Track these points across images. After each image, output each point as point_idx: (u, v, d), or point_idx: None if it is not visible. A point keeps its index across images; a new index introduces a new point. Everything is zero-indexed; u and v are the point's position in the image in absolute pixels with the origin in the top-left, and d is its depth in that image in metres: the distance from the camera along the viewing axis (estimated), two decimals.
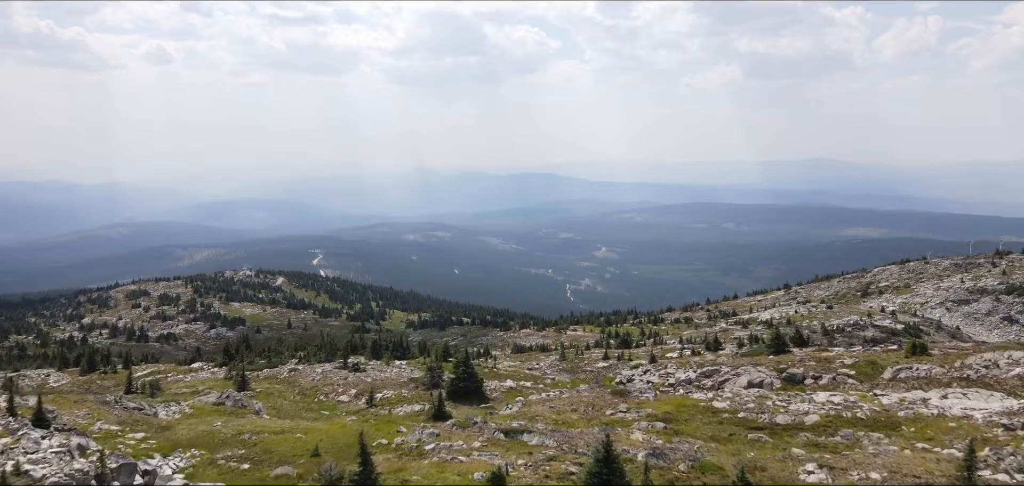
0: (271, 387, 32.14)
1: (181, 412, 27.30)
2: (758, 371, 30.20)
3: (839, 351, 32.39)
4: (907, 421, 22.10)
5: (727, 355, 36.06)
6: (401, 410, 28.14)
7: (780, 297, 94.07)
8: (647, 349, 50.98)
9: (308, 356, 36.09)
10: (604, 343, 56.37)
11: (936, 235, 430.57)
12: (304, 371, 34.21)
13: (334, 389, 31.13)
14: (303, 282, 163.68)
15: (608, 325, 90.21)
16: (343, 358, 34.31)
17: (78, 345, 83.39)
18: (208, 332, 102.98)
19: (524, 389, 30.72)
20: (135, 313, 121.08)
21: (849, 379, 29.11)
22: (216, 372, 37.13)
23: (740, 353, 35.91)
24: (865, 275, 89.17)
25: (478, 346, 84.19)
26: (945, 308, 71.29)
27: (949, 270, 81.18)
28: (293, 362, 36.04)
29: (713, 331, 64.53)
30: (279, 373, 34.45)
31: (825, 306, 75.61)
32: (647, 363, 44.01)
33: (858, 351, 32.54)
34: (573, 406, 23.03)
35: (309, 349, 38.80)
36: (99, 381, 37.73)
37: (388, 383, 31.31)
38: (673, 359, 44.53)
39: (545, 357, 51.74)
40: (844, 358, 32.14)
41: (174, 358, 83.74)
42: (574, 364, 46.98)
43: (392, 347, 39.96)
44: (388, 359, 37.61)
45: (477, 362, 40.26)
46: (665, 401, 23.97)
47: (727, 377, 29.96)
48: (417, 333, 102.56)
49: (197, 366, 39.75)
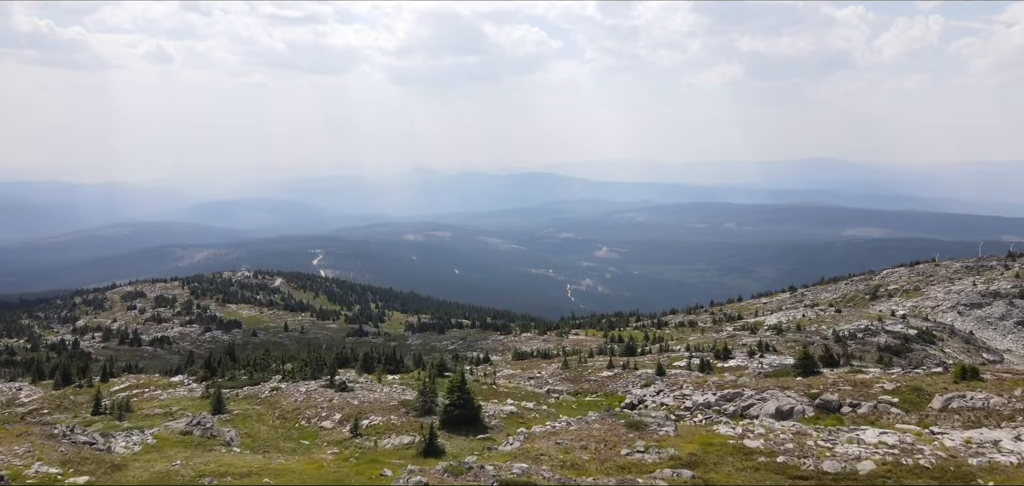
0: (250, 409, 29.43)
1: (142, 443, 24.75)
2: (787, 397, 27.13)
3: (876, 374, 29.41)
4: (983, 472, 18.41)
5: (749, 375, 32.73)
6: (388, 441, 25.55)
7: (786, 299, 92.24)
8: (653, 357, 49.14)
9: (293, 373, 33.64)
10: (608, 350, 54.59)
11: (937, 235, 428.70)
12: (287, 390, 31.61)
13: (317, 413, 28.15)
14: (302, 283, 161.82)
15: (610, 329, 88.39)
16: (330, 375, 31.88)
17: (69, 349, 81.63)
18: (203, 335, 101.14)
19: (526, 412, 27.90)
20: (130, 315, 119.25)
21: (892, 409, 25.89)
22: (194, 388, 34.94)
23: (761, 372, 32.72)
24: (873, 277, 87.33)
25: (478, 350, 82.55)
26: (957, 312, 69.48)
27: (960, 273, 79.36)
28: (276, 379, 33.69)
29: (720, 337, 62.69)
30: (260, 392, 31.97)
31: (833, 309, 73.79)
32: (654, 373, 42.25)
33: (897, 375, 29.34)
34: (582, 442, 20.30)
35: (296, 363, 36.36)
36: (73, 396, 35.72)
37: (376, 406, 28.49)
38: (681, 368, 42.76)
39: (547, 365, 49.95)
40: (883, 382, 28.79)
41: (168, 362, 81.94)
42: (577, 373, 45.19)
43: (385, 360, 37.78)
44: (380, 374, 35.54)
45: (475, 377, 38.18)
46: (688, 438, 21.15)
47: (751, 401, 27.01)
48: (416, 336, 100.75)
49: (177, 380, 37.72)
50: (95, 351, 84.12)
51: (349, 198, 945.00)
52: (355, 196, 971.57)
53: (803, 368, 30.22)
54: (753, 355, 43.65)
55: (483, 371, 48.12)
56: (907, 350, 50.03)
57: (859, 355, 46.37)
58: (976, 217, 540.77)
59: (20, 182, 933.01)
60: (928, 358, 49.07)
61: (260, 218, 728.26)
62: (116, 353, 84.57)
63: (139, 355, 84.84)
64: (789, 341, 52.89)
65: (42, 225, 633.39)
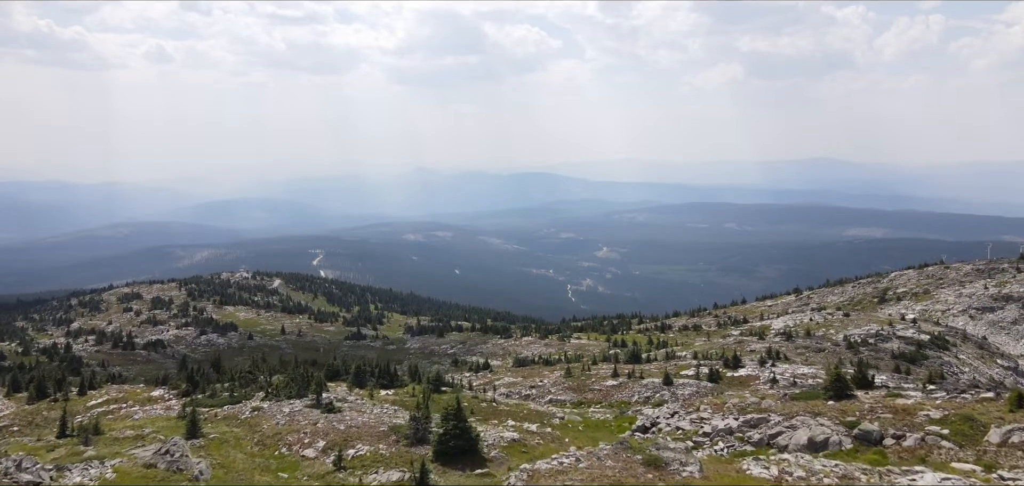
0: (228, 432, 27.11)
1: (99, 480, 22.29)
2: (819, 425, 23.99)
3: (917, 398, 26.77)
4: None
5: (773, 395, 29.35)
6: (374, 478, 23.06)
7: (792, 302, 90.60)
8: (659, 365, 47.47)
9: (277, 390, 31.44)
10: (612, 357, 52.99)
11: (938, 235, 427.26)
12: (269, 410, 29.36)
13: (300, 438, 25.64)
14: (300, 284, 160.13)
15: (613, 332, 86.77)
16: (316, 393, 29.80)
17: (61, 353, 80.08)
18: (198, 338, 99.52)
19: (528, 438, 25.43)
20: (126, 317, 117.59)
21: (942, 442, 22.68)
22: (173, 405, 32.85)
23: (787, 393, 29.60)
24: (881, 280, 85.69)
25: (477, 355, 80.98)
26: (968, 316, 67.85)
27: (970, 275, 77.75)
28: (260, 396, 31.66)
29: (727, 343, 61.00)
30: (241, 411, 29.79)
31: (841, 313, 72.15)
32: (661, 382, 40.65)
33: (942, 401, 26.55)
34: (595, 483, 18.36)
35: (281, 379, 33.98)
36: (46, 411, 33.80)
37: (365, 432, 26.02)
38: (689, 378, 41.16)
39: (549, 373, 48.34)
40: (928, 409, 25.62)
41: (161, 366, 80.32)
42: (581, 382, 43.59)
43: (378, 374, 35.87)
44: (372, 389, 33.69)
45: (474, 394, 36.15)
46: (717, 478, 19.20)
47: (778, 429, 24.09)
48: (415, 340, 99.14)
49: (157, 394, 35.86)
50: (88, 355, 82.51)
51: (349, 198, 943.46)
52: (355, 196, 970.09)
53: (834, 390, 27.42)
54: (764, 364, 42.04)
55: (483, 379, 46.59)
56: (922, 357, 48.39)
57: (873, 363, 44.71)
58: (977, 217, 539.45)
59: (20, 182, 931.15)
60: (944, 366, 47.51)
61: (260, 218, 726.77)
62: (109, 357, 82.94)
63: (132, 359, 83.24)
64: (799, 348, 51.34)
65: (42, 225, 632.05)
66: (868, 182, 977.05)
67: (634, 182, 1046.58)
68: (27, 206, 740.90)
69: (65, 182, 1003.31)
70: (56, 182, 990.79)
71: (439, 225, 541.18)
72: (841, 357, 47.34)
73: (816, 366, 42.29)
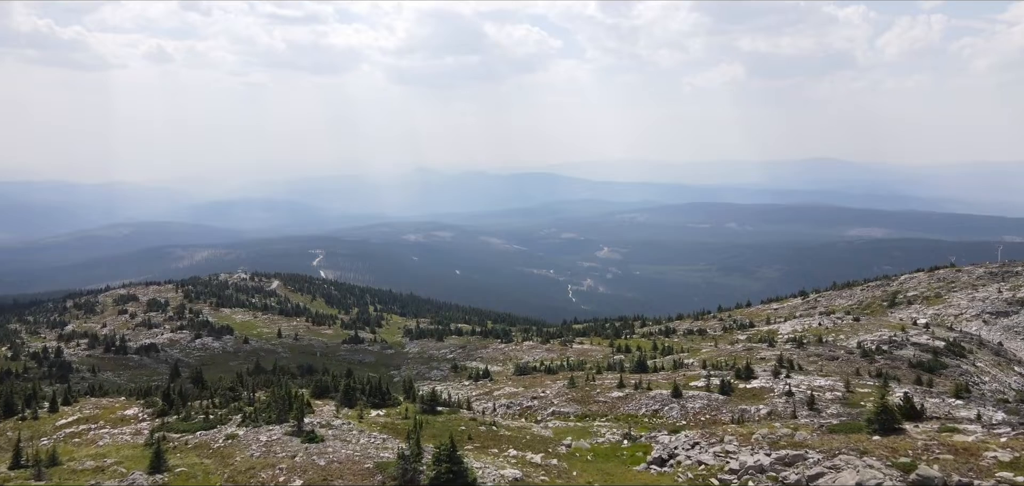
0: (196, 465, 24.49)
1: None
2: (868, 467, 20.75)
3: (979, 435, 23.17)
4: None
5: (808, 427, 24.97)
6: None
7: (798, 305, 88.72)
8: (667, 374, 45.61)
9: (255, 414, 28.85)
10: (617, 365, 51.16)
11: (940, 235, 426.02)
12: (244, 439, 26.83)
13: (275, 476, 22.70)
14: (299, 285, 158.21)
15: (616, 336, 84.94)
16: (297, 419, 27.54)
17: (51, 358, 78.28)
18: (193, 342, 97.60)
19: (532, 475, 22.13)
20: (120, 320, 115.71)
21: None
22: (143, 428, 30.41)
23: (823, 423, 26.07)
24: (890, 283, 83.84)
25: (477, 360, 79.19)
26: (982, 321, 65.99)
27: (983, 278, 75.90)
28: (237, 420, 29.27)
29: (736, 350, 59.10)
30: (214, 439, 27.30)
31: (851, 318, 70.29)
32: (669, 394, 38.83)
33: (1008, 437, 22.97)
34: None
35: (260, 403, 31.46)
36: (11, 431, 31.87)
37: (347, 468, 23.12)
38: (700, 389, 39.31)
39: (552, 382, 46.50)
40: (993, 448, 22.09)
41: (154, 372, 78.54)
42: (585, 393, 41.75)
43: (369, 392, 33.75)
44: (362, 409, 31.60)
45: (472, 415, 34.01)
46: None
47: (819, 469, 21.13)
48: (414, 344, 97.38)
49: (132, 413, 33.73)
50: (78, 360, 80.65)
51: (349, 198, 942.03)
52: (355, 196, 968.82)
53: (880, 422, 24.46)
54: (777, 375, 40.18)
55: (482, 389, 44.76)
56: (941, 366, 46.47)
57: (890, 372, 42.90)
58: (978, 217, 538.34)
59: (20, 182, 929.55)
60: (964, 375, 45.61)
61: (260, 218, 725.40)
62: (100, 362, 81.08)
63: (124, 364, 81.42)
64: (812, 356, 49.49)
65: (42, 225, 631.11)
66: (869, 182, 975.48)
67: (635, 182, 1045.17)
68: (27, 206, 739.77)
69: (65, 182, 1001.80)
70: (56, 182, 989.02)
71: (439, 225, 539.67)
72: (857, 366, 45.48)
73: (832, 377, 40.42)
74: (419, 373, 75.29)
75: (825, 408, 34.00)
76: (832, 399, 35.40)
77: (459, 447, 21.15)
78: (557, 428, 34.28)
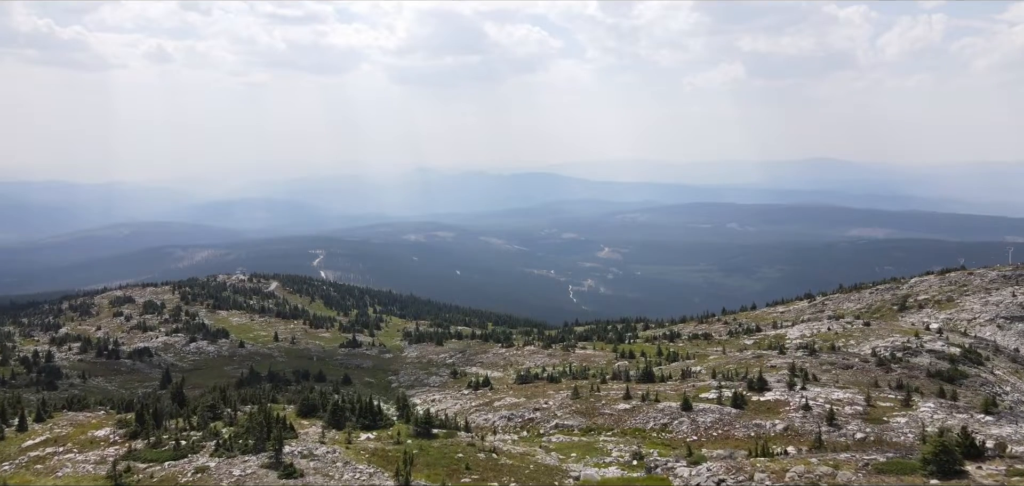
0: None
1: None
2: None
3: None
4: None
5: (848, 462, 20.98)
6: None
7: (805, 309, 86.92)
8: (675, 384, 43.80)
9: (230, 443, 26.65)
10: (622, 373, 49.34)
11: (942, 236, 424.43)
12: (216, 472, 24.75)
13: None
14: (298, 286, 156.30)
15: (619, 341, 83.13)
16: (276, 448, 25.43)
17: (41, 362, 76.49)
18: (187, 346, 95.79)
19: None
20: (115, 323, 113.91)
21: None
22: (110, 453, 28.47)
23: (872, 464, 22.21)
24: (900, 286, 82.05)
25: (477, 365, 77.37)
26: (996, 326, 64.19)
27: (996, 282, 74.10)
28: (210, 448, 27.11)
29: (745, 356, 57.25)
30: (182, 472, 25.36)
31: (861, 323, 68.47)
32: (679, 407, 37.03)
33: None
34: None
35: (236, 426, 29.23)
36: None
37: None
38: (711, 402, 37.50)
39: (554, 392, 44.71)
40: None
41: (146, 377, 76.76)
42: (589, 405, 39.97)
43: (359, 411, 31.56)
44: (351, 431, 29.58)
45: (470, 438, 31.57)
46: None
47: None
48: (413, 348, 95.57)
49: (102, 435, 31.76)
50: (70, 365, 78.90)
51: (350, 198, 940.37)
52: (356, 196, 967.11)
53: (938, 464, 21.21)
54: (793, 387, 38.34)
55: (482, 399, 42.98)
56: (961, 376, 44.55)
57: (909, 383, 40.98)
58: (979, 217, 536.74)
59: (20, 182, 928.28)
60: (986, 386, 43.79)
61: (261, 218, 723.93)
62: (91, 367, 79.33)
63: (116, 369, 79.63)
64: (825, 364, 47.64)
65: (41, 225, 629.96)
66: (870, 182, 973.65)
67: (635, 182, 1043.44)
68: (27, 206, 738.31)
69: (65, 182, 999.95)
70: (56, 182, 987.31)
71: (440, 225, 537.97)
72: (873, 376, 43.61)
73: (850, 389, 38.58)
74: (417, 379, 73.49)
75: (845, 424, 32.24)
76: (852, 414, 33.59)
77: (455, 482, 19.30)
78: (561, 444, 32.54)
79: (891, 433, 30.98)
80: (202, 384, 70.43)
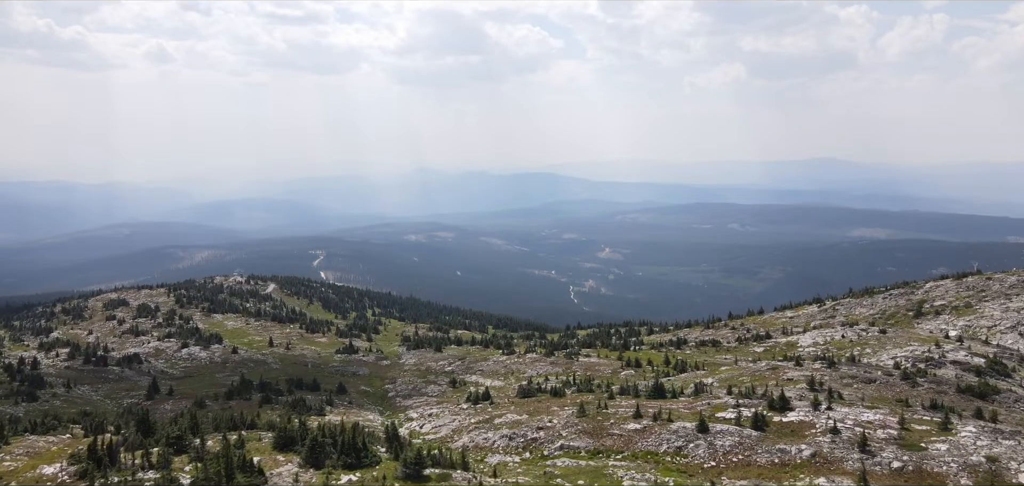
0: None
1: None
2: None
3: None
4: None
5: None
6: None
7: (815, 314, 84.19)
8: (688, 402, 41.11)
9: (206, 474, 23.83)
10: (631, 389, 46.64)
11: (943, 236, 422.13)
12: None
13: None
14: (296, 288, 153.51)
15: (624, 348, 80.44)
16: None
17: (27, 369, 73.90)
18: (179, 352, 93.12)
19: None
20: (108, 326, 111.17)
21: None
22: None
23: None
24: (914, 291, 79.37)
25: (477, 374, 74.73)
26: (1019, 333, 61.53)
27: (1016, 287, 71.45)
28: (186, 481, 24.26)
29: (759, 367, 54.56)
30: None
31: (876, 330, 65.79)
32: (695, 429, 34.36)
33: None
34: None
35: (209, 458, 26.54)
36: None
37: None
38: (729, 423, 34.82)
39: (559, 408, 42.05)
40: None
41: (134, 384, 74.09)
42: (597, 424, 37.31)
43: (342, 448, 28.51)
44: (329, 473, 26.51)
45: (466, 480, 28.74)
46: None
47: None
48: (411, 354, 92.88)
49: (50, 473, 28.48)
50: (55, 373, 76.16)
51: (350, 198, 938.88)
52: (356, 196, 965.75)
53: None
54: (817, 407, 35.65)
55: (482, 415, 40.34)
56: (991, 391, 41.87)
57: (940, 400, 38.35)
58: (981, 218, 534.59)
59: (20, 182, 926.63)
60: (1020, 401, 41.12)
61: (261, 218, 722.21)
62: (79, 374, 76.61)
63: (103, 377, 76.95)
64: (845, 377, 45.00)
65: (41, 226, 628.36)
66: (872, 182, 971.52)
67: (636, 182, 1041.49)
68: (27, 206, 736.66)
69: (65, 182, 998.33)
70: (56, 182, 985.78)
71: (440, 226, 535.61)
72: (900, 392, 40.98)
73: (880, 409, 35.89)
74: (415, 388, 70.91)
75: (880, 451, 29.59)
76: (886, 439, 30.91)
77: None
78: (567, 469, 29.97)
79: (931, 461, 28.36)
80: (191, 393, 67.79)
